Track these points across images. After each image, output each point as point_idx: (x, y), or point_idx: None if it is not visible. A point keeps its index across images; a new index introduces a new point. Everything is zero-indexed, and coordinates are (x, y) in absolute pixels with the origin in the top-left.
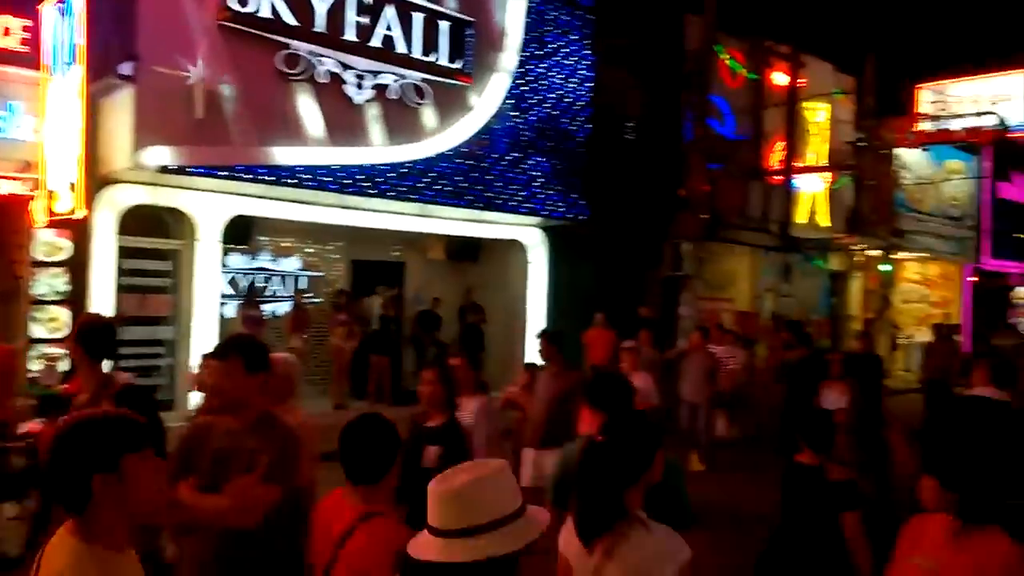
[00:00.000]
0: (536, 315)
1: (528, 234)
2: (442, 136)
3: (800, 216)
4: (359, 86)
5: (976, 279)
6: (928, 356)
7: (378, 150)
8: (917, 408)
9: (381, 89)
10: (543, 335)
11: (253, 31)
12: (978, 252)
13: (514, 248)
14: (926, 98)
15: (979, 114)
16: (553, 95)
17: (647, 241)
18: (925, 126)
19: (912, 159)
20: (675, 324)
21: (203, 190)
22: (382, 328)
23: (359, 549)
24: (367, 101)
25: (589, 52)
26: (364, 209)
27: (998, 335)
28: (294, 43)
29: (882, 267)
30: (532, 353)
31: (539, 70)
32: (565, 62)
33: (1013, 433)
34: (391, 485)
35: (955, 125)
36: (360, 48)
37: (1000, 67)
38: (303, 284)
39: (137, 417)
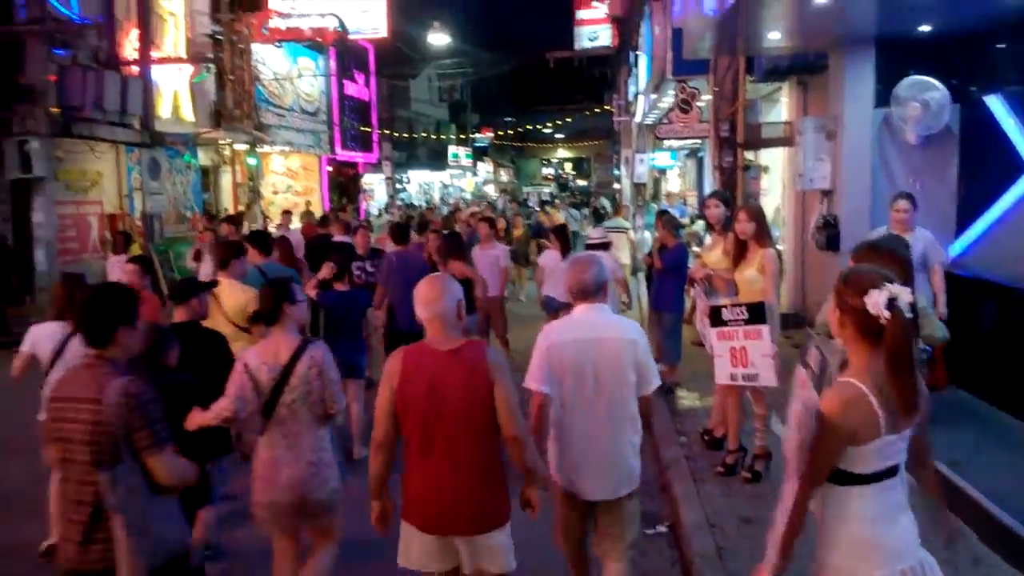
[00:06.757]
0: None
1: None
2: None
3: (163, 110)
4: None
5: (331, 169)
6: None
7: None
8: None
9: None
10: None
11: None
12: (332, 144)
13: None
14: None
15: (322, 15)
16: None
17: None
18: (277, 23)
19: (268, 55)
20: (30, 233)
21: None
22: None
23: None
24: None
25: None
26: None
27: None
28: None
29: (249, 160)
30: None
31: None
32: None
33: None
34: None
35: (303, 24)
36: None
37: None
38: None
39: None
